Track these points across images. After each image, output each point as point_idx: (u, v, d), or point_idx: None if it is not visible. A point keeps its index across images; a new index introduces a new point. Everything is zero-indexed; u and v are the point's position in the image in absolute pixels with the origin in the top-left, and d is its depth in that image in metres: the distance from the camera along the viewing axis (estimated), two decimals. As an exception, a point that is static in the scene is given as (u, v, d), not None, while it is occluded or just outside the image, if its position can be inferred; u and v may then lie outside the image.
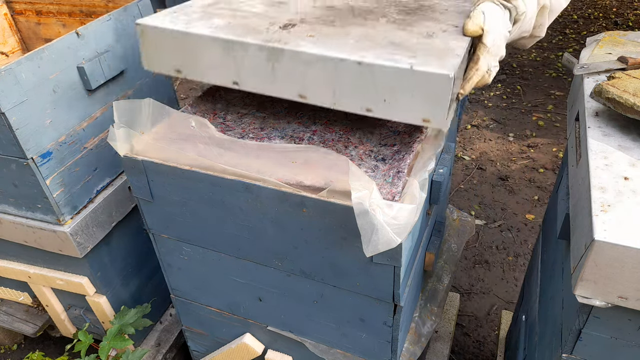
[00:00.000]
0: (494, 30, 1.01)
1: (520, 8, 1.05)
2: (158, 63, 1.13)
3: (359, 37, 1.02)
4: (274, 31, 1.04)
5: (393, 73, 0.91)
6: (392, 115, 0.96)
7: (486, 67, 1.04)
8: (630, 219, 0.75)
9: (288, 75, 1.00)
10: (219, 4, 1.20)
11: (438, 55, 0.94)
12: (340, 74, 0.95)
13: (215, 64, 1.06)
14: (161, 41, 1.09)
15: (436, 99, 0.91)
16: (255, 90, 1.05)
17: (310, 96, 1.00)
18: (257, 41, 0.99)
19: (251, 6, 1.19)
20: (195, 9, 1.17)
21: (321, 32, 1.04)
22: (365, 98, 0.96)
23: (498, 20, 1.03)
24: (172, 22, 1.09)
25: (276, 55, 0.98)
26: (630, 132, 0.94)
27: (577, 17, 5.53)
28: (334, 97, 0.98)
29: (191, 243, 1.24)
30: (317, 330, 1.25)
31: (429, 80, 0.89)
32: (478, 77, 1.04)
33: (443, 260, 1.59)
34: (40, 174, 1.33)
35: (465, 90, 1.05)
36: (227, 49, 1.02)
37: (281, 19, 1.11)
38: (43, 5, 1.76)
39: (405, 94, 0.92)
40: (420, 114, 0.93)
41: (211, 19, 1.10)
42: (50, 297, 1.75)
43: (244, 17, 1.12)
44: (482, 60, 1.03)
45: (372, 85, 0.94)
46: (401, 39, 1.01)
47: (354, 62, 0.93)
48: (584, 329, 0.86)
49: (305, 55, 0.96)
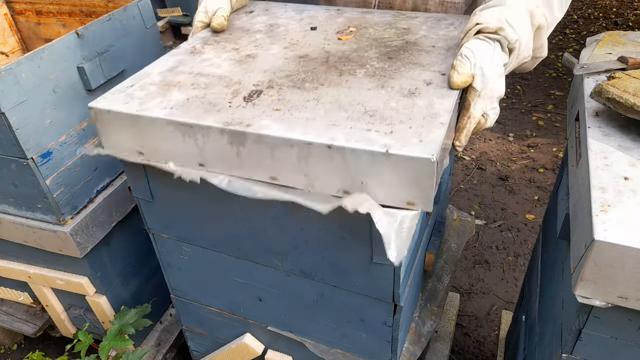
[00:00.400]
0: (484, 72, 0.93)
1: (510, 37, 0.97)
2: (118, 147, 1.04)
3: (331, 104, 0.94)
4: (237, 105, 0.96)
5: (367, 157, 0.82)
6: (372, 198, 0.87)
7: (480, 113, 0.96)
8: (630, 219, 0.75)
9: (255, 159, 0.91)
10: (180, 67, 1.12)
11: (419, 128, 0.85)
12: (309, 158, 0.86)
13: (176, 147, 0.97)
14: (117, 125, 1.00)
15: (418, 183, 0.82)
16: (224, 173, 0.97)
17: (282, 179, 0.92)
18: (218, 124, 0.90)
19: (216, 65, 1.12)
20: (153, 78, 1.09)
21: (289, 101, 0.96)
22: (341, 181, 0.87)
23: (487, 59, 0.94)
24: (125, 102, 1.00)
25: (238, 138, 0.90)
26: (630, 132, 0.94)
27: (577, 17, 5.53)
28: (307, 180, 0.90)
29: (191, 243, 1.24)
30: (317, 330, 1.25)
31: (408, 164, 0.80)
32: (473, 125, 0.96)
33: (443, 260, 1.59)
34: (40, 174, 1.33)
35: (461, 141, 0.97)
36: (186, 133, 0.94)
37: (247, 83, 1.04)
38: (43, 5, 1.76)
39: (384, 177, 0.83)
40: (403, 197, 0.84)
41: (169, 93, 1.02)
42: (50, 297, 1.75)
43: (205, 87, 1.03)
44: (475, 106, 0.95)
45: (345, 169, 0.85)
46: (378, 104, 0.93)
47: (324, 146, 0.84)
48: (584, 329, 0.86)
49: (269, 138, 0.87)
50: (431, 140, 0.82)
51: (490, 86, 0.94)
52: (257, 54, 1.17)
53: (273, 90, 1.00)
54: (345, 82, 1.01)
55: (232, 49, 1.20)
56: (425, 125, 0.85)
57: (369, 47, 1.15)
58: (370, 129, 0.86)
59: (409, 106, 0.91)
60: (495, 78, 0.94)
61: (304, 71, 1.07)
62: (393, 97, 0.95)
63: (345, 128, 0.87)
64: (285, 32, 1.28)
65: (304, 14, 1.38)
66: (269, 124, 0.89)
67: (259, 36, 1.26)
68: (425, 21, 1.27)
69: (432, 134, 0.83)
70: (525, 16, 1.01)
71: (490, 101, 0.96)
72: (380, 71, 1.04)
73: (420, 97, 0.94)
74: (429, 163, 0.79)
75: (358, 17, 1.34)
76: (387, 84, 0.99)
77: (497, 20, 0.97)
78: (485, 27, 0.97)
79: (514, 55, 0.99)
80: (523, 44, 0.99)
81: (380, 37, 1.20)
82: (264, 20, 1.37)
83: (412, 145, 0.81)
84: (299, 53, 1.15)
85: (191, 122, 0.93)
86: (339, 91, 0.98)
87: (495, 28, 0.96)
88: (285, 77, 1.05)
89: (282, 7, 1.44)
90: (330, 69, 1.07)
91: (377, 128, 0.86)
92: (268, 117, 0.91)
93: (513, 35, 0.97)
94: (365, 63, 1.08)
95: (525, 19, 1.01)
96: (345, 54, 1.13)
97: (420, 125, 0.85)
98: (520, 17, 1.00)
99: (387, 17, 1.32)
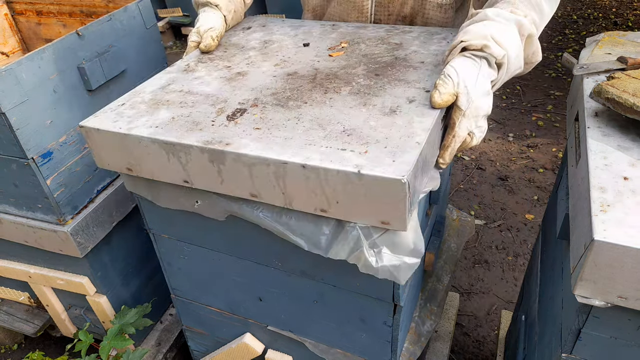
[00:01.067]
0: (468, 90, 0.91)
1: (497, 54, 0.94)
2: (108, 162, 1.08)
3: (311, 122, 0.95)
4: (220, 124, 0.98)
5: (340, 177, 0.83)
6: (348, 217, 0.88)
7: (466, 131, 0.94)
8: (629, 219, 0.75)
9: (235, 177, 0.94)
10: (172, 85, 1.15)
11: (394, 148, 0.85)
12: (285, 177, 0.88)
13: (162, 165, 1.00)
14: (107, 142, 1.04)
15: (391, 203, 0.82)
16: (207, 189, 1.00)
17: (261, 196, 0.94)
18: (198, 143, 0.93)
19: (206, 83, 1.14)
20: (145, 96, 1.12)
21: (270, 120, 0.98)
22: (317, 200, 0.88)
23: (471, 77, 0.92)
24: (115, 121, 1.03)
25: (218, 157, 0.92)
26: (630, 132, 0.94)
27: (577, 18, 5.53)
28: (285, 198, 0.91)
29: (191, 243, 1.24)
30: (317, 330, 1.25)
31: (380, 184, 0.80)
32: (458, 143, 0.95)
33: (443, 260, 1.60)
34: (40, 174, 1.33)
35: (445, 159, 0.96)
36: (169, 151, 0.97)
37: (232, 101, 1.06)
38: (43, 5, 1.76)
39: (358, 197, 0.84)
40: (377, 217, 0.85)
41: (157, 111, 1.05)
42: (51, 297, 1.75)
43: (192, 105, 1.06)
44: (460, 125, 0.92)
45: (320, 188, 0.86)
46: (357, 123, 0.93)
47: (298, 165, 0.85)
48: (583, 328, 0.86)
49: (247, 157, 0.89)
50: (404, 160, 0.82)
51: (476, 105, 0.92)
52: (248, 71, 1.18)
53: (257, 108, 1.02)
54: (329, 100, 1.02)
55: (224, 67, 1.22)
56: (400, 145, 0.86)
57: (358, 64, 1.16)
58: (346, 149, 0.87)
59: (388, 125, 0.92)
60: (481, 96, 0.93)
61: (290, 89, 1.08)
62: (373, 115, 0.95)
63: (321, 147, 0.88)
64: (278, 48, 1.29)
65: (299, 30, 1.40)
66: (247, 143, 0.92)
67: (252, 53, 1.28)
68: (419, 36, 1.28)
69: (406, 155, 0.83)
70: (512, 29, 0.98)
71: (476, 120, 0.94)
72: (365, 88, 1.05)
73: (400, 116, 0.94)
74: (399, 184, 0.79)
75: (352, 32, 1.34)
76: (370, 101, 1.00)
77: (482, 37, 0.95)
78: (469, 44, 0.95)
79: (503, 71, 0.97)
80: (512, 58, 0.97)
81: (371, 53, 1.21)
82: (259, 36, 1.38)
83: (385, 165, 0.81)
84: (288, 70, 1.17)
85: (173, 140, 0.95)
86: (321, 110, 0.99)
87: (481, 45, 0.94)
88: (270, 95, 1.07)
89: (279, 23, 1.45)
90: (316, 87, 1.08)
91: (353, 147, 0.87)
92: (248, 136, 0.93)
93: (499, 52, 0.94)
94: (352, 80, 1.09)
95: (513, 32, 0.98)
96: (333, 71, 1.14)
97: (395, 145, 0.86)
98: (507, 31, 0.97)
99: (381, 32, 1.32)
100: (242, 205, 1.00)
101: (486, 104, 0.94)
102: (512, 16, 0.99)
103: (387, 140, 0.87)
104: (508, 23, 0.98)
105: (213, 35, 1.29)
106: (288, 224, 0.98)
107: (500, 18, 0.99)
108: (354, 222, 0.89)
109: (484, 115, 0.95)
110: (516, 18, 0.99)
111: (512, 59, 0.97)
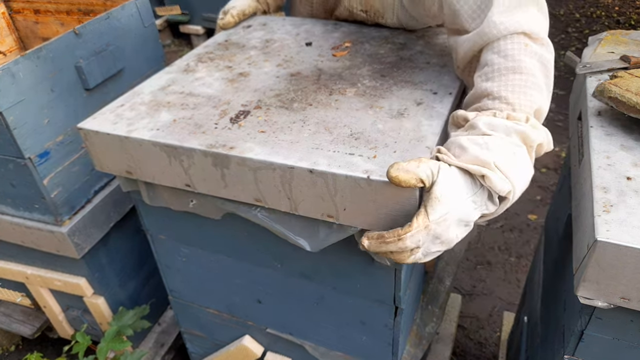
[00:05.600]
0: (447, 204, 0.72)
1: (500, 189, 0.75)
2: (108, 165, 1.05)
3: (317, 125, 0.93)
4: (223, 127, 0.96)
5: (348, 182, 0.80)
6: (356, 223, 0.85)
7: (413, 245, 0.73)
8: (632, 219, 0.74)
9: (239, 181, 0.91)
10: (172, 86, 1.13)
11: (403, 152, 0.82)
12: (292, 181, 0.86)
13: (163, 168, 0.98)
14: (106, 145, 1.01)
15: (402, 210, 0.79)
16: (210, 194, 0.98)
17: (266, 201, 0.92)
18: (201, 147, 0.90)
19: (207, 85, 1.12)
20: (144, 97, 1.09)
21: (275, 122, 0.95)
22: (324, 205, 0.86)
23: (459, 203, 0.73)
24: (114, 123, 1.00)
25: (222, 161, 0.90)
26: (633, 131, 0.93)
27: (580, 16, 5.52)
28: (291, 203, 0.89)
29: (189, 244, 1.23)
30: (317, 333, 1.24)
31: (390, 190, 0.77)
32: (394, 248, 0.74)
33: (444, 261, 1.59)
34: (37, 174, 1.32)
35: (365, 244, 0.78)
36: (171, 155, 0.94)
37: (235, 103, 1.03)
38: (41, 4, 1.75)
39: (366, 203, 0.81)
40: (386, 223, 0.81)
41: (157, 113, 1.03)
42: (48, 298, 1.74)
43: (194, 107, 1.03)
44: (412, 235, 0.72)
45: (327, 193, 0.84)
46: (365, 126, 0.91)
47: (306, 170, 0.83)
48: (586, 330, 0.85)
49: (252, 161, 0.87)
50: None
51: (446, 227, 0.73)
52: (250, 72, 1.16)
53: (261, 110, 1.00)
54: (335, 102, 1.00)
55: (225, 67, 1.20)
56: (410, 149, 0.84)
57: (363, 64, 1.14)
58: (354, 153, 0.85)
59: (396, 128, 0.90)
60: (455, 224, 0.74)
61: (294, 90, 1.07)
62: (381, 118, 0.94)
63: (328, 152, 0.86)
64: (280, 48, 1.28)
65: (300, 29, 1.38)
66: (252, 147, 0.90)
67: (254, 53, 1.26)
68: (423, 35, 1.26)
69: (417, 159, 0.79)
70: (521, 152, 0.78)
71: (433, 243, 0.74)
72: (371, 90, 1.03)
73: (408, 119, 0.92)
74: (411, 190, 0.77)
75: (355, 30, 1.33)
76: (377, 103, 0.98)
77: (481, 162, 0.75)
78: (467, 168, 0.75)
79: (505, 206, 0.79)
80: (518, 193, 0.78)
81: (375, 53, 1.19)
82: (260, 35, 1.36)
83: None
84: (292, 71, 1.15)
85: (176, 144, 0.93)
86: (327, 112, 0.98)
87: (480, 174, 0.75)
88: (274, 97, 1.05)
89: (280, 22, 1.44)
90: (320, 88, 1.06)
91: (361, 152, 0.85)
92: (252, 140, 0.91)
93: (504, 188, 0.75)
94: (357, 82, 1.07)
95: (522, 156, 0.78)
96: (338, 72, 1.12)
97: (404, 149, 0.84)
98: (516, 154, 0.77)
99: (384, 32, 1.31)
100: (238, 204, 0.99)
101: (454, 234, 0.75)
102: (516, 127, 0.79)
103: (396, 144, 0.86)
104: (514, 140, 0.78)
105: (233, 12, 1.36)
106: (288, 223, 0.97)
107: (502, 133, 0.79)
108: (361, 228, 0.87)
109: (444, 249, 0.77)
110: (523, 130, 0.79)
111: (517, 194, 0.78)
